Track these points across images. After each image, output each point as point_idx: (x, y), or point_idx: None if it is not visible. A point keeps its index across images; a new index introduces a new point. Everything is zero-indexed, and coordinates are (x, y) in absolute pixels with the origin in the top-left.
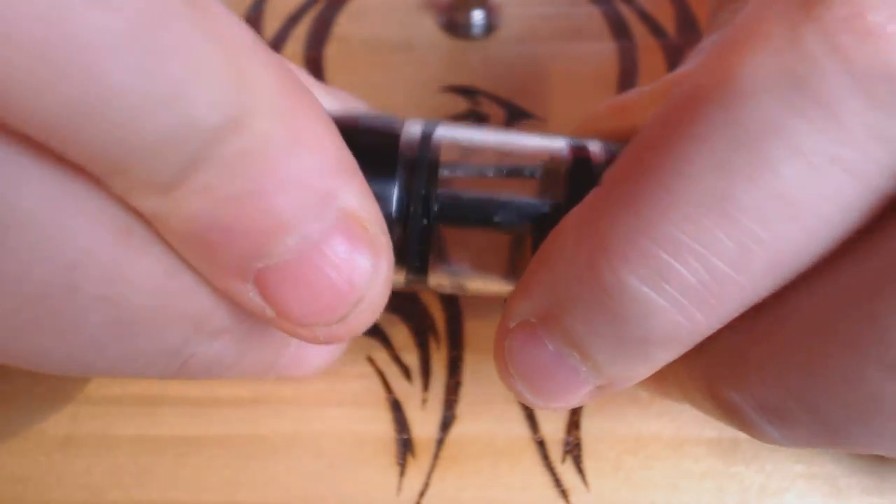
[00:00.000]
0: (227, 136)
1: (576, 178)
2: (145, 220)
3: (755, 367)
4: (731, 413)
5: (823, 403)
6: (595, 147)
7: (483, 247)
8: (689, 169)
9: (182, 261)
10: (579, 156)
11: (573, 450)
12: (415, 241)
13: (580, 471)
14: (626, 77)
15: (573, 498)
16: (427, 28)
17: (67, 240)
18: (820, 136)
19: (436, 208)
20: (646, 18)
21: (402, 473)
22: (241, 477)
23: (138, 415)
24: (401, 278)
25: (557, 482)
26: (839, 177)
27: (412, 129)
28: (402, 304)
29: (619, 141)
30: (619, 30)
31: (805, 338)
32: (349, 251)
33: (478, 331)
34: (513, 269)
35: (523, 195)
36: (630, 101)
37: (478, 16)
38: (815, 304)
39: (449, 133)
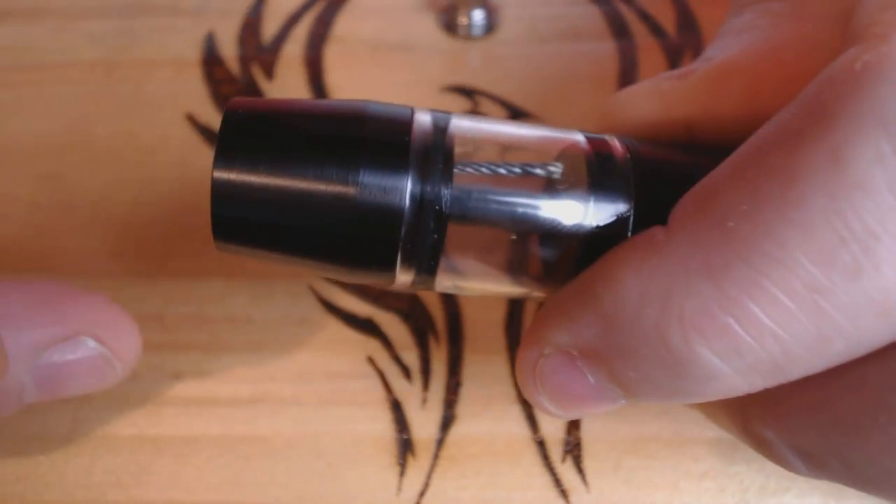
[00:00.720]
0: None
1: (597, 174)
2: None
3: (796, 414)
4: (760, 445)
5: (861, 463)
6: (614, 141)
7: (497, 247)
8: (782, 255)
9: None
10: (599, 150)
11: (573, 450)
12: (427, 240)
13: (580, 471)
14: (626, 77)
15: (573, 498)
16: (427, 28)
17: None
18: None
19: (450, 205)
20: (646, 18)
21: (402, 473)
22: (241, 477)
23: (138, 415)
24: (409, 279)
25: (557, 482)
26: None
27: (424, 119)
28: (402, 304)
29: (655, 131)
30: (619, 30)
31: (855, 401)
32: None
33: (478, 331)
34: (529, 271)
35: (543, 192)
36: (671, 88)
37: (478, 16)
38: (872, 371)
39: (463, 124)
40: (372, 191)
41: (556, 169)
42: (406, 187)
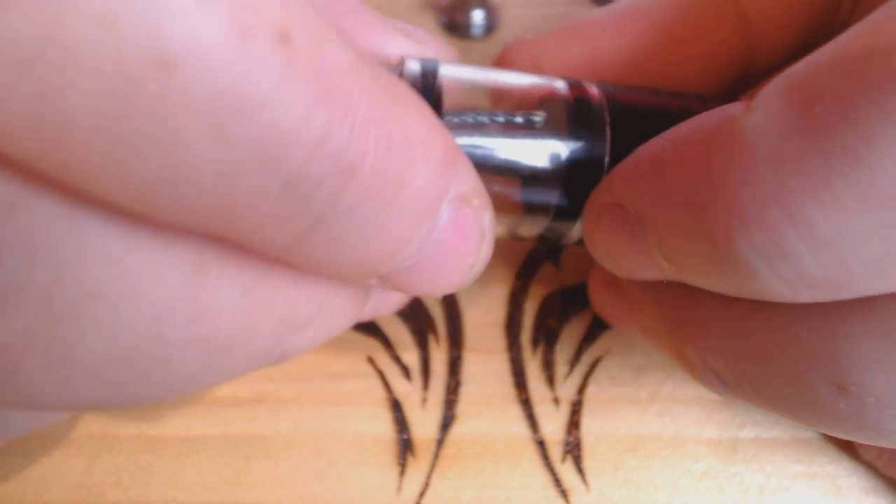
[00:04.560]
0: (340, 191)
1: (575, 118)
2: (214, 244)
3: (717, 339)
4: (685, 363)
5: (764, 388)
6: (591, 87)
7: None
8: (866, 152)
9: (256, 271)
10: (578, 95)
11: (573, 450)
12: None
13: (580, 471)
14: None
15: (573, 498)
16: (427, 28)
17: (143, 296)
18: None
19: None
20: None
21: (402, 473)
22: (241, 477)
23: (138, 415)
24: None
25: (557, 482)
26: None
27: (413, 67)
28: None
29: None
30: None
31: (768, 339)
32: (464, 235)
33: (478, 331)
34: (509, 211)
35: (525, 137)
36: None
37: (478, 16)
38: (796, 317)
39: (451, 71)
40: None
41: (539, 117)
42: None
